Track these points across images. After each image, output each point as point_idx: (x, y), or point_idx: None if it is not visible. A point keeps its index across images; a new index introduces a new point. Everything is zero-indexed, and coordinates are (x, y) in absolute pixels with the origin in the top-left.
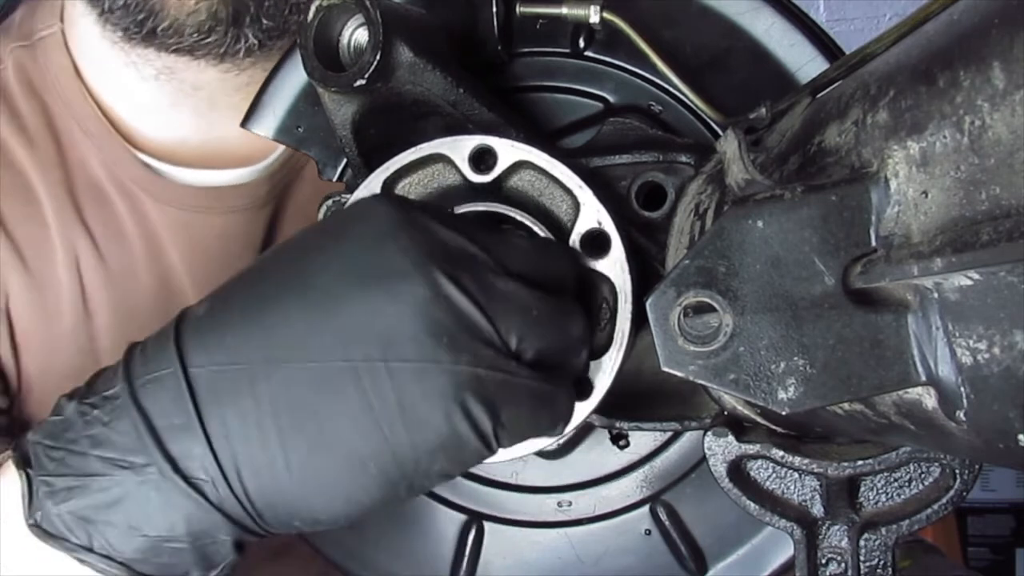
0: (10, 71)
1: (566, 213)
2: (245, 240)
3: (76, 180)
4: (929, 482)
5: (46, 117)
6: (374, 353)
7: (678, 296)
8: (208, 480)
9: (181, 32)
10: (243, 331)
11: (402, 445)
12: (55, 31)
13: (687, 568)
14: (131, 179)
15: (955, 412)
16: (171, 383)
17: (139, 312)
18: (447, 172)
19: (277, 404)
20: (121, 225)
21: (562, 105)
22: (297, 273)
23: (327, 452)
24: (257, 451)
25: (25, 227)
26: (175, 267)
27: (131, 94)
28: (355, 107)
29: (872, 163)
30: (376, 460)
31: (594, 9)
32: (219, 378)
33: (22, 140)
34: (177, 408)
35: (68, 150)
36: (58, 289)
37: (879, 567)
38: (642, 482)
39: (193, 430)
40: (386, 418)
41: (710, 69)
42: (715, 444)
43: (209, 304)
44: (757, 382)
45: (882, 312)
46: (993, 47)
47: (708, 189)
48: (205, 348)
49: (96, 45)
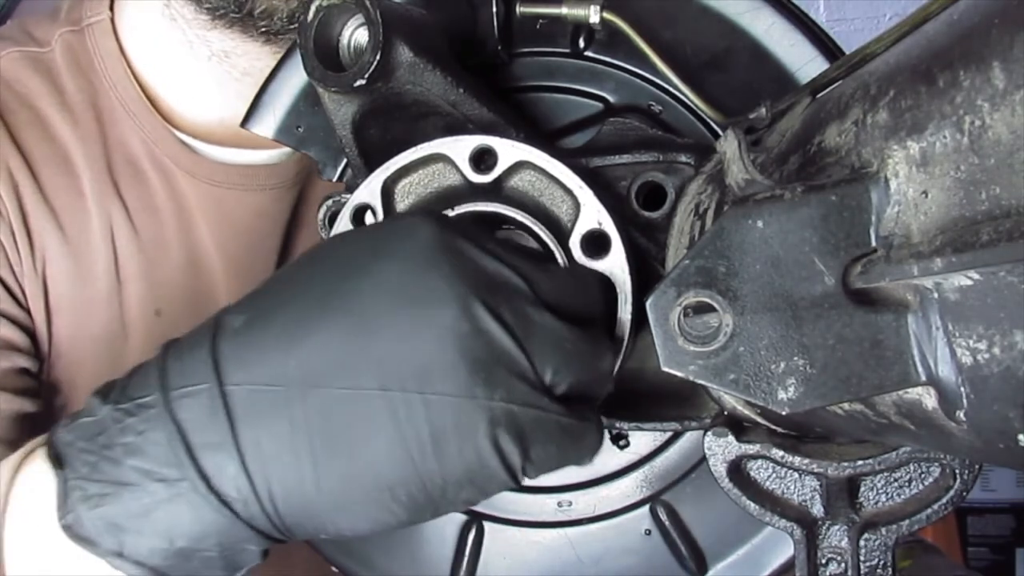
0: (58, 53)
1: (566, 213)
2: (274, 217)
3: (115, 155)
4: (929, 482)
5: (91, 96)
6: (411, 384)
7: (678, 296)
8: (240, 499)
9: (272, 16)
10: (282, 351)
11: (432, 475)
12: (104, 18)
13: (687, 568)
14: (168, 156)
15: (955, 412)
16: (207, 398)
17: (168, 282)
18: (447, 172)
19: (312, 427)
20: (155, 199)
21: (562, 105)
22: (338, 294)
23: (358, 477)
24: (290, 473)
25: (64, 196)
26: (205, 241)
27: (178, 76)
28: (355, 107)
29: (872, 163)
30: (405, 487)
31: (594, 9)
32: (256, 398)
33: (66, 117)
34: (212, 425)
35: (109, 127)
36: (93, 256)
37: (879, 567)
38: (642, 482)
39: (227, 449)
40: (418, 448)
41: (710, 69)
42: (715, 444)
43: (247, 317)
44: (757, 382)
45: (882, 312)
46: (993, 47)
47: (708, 189)
48: (243, 365)
49: (151, 28)
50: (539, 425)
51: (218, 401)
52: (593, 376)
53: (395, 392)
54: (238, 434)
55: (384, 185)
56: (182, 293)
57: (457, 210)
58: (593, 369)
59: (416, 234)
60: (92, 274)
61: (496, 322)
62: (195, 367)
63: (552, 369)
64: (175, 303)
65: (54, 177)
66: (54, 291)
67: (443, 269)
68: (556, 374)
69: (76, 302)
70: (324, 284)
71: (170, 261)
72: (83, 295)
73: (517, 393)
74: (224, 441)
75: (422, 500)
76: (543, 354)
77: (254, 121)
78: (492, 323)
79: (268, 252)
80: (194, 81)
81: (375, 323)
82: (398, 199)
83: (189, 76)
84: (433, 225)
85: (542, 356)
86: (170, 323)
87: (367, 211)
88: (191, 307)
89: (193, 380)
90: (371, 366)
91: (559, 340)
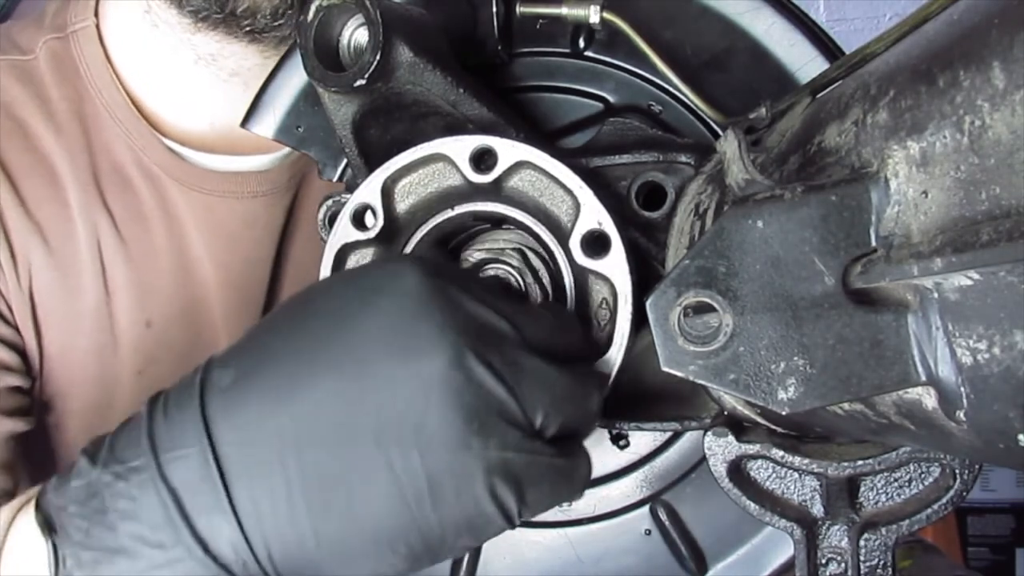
0: (42, 60)
1: (566, 213)
2: (266, 224)
3: (100, 164)
4: (929, 482)
5: (76, 103)
6: (406, 438)
7: (678, 296)
8: (238, 560)
9: (255, 15)
10: (273, 409)
11: (430, 525)
12: (88, 24)
13: (687, 568)
14: (156, 163)
15: (955, 412)
16: (198, 461)
17: (158, 292)
18: (447, 172)
19: (307, 483)
20: (143, 207)
21: (562, 105)
22: (327, 347)
23: (357, 531)
24: (287, 530)
25: (48, 207)
26: (196, 249)
27: (164, 81)
28: (355, 107)
29: (872, 163)
30: (404, 538)
31: (594, 9)
32: (248, 457)
33: (50, 126)
34: (206, 487)
35: (95, 135)
36: (80, 268)
37: (879, 567)
38: (642, 482)
39: (222, 510)
40: (415, 500)
41: (710, 69)
42: (715, 444)
43: (235, 373)
44: (757, 382)
45: (882, 312)
46: (993, 47)
47: (708, 189)
48: (233, 425)
49: (133, 35)
50: (533, 469)
51: (210, 463)
52: (582, 416)
53: (391, 446)
54: (233, 495)
55: (384, 185)
56: (173, 303)
57: (457, 210)
58: (581, 408)
59: (403, 282)
60: (79, 286)
61: (487, 371)
62: (184, 428)
63: (543, 412)
64: (166, 314)
65: (37, 188)
66: (41, 306)
67: (433, 318)
68: (546, 417)
69: (64, 316)
70: (313, 337)
71: (160, 271)
72: (71, 308)
73: (511, 440)
74: (218, 503)
75: (421, 550)
76: (533, 398)
77: (254, 121)
78: (483, 372)
79: (261, 260)
80: (181, 86)
81: (366, 376)
82: (398, 199)
83: (176, 81)
84: (419, 271)
85: (532, 400)
86: (161, 334)
87: (367, 211)
88: (183, 318)
89: (183, 443)
90: (365, 420)
91: (548, 383)
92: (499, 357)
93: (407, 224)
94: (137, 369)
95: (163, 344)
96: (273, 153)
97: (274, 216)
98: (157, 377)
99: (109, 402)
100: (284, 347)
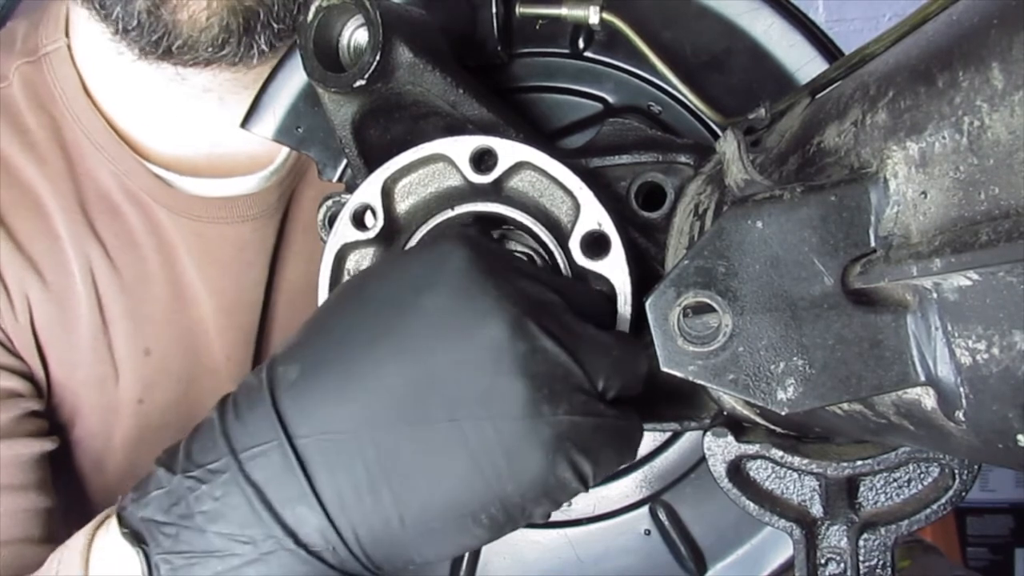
0: (16, 87)
1: (566, 214)
2: (257, 247)
3: (86, 192)
4: (928, 482)
5: (54, 131)
6: (478, 412)
7: (677, 296)
8: (328, 547)
9: (196, 48)
10: (344, 397)
11: (509, 495)
12: (60, 46)
13: (687, 568)
14: (143, 190)
15: (954, 412)
16: (278, 455)
17: (155, 320)
18: (447, 172)
19: (387, 467)
20: (133, 235)
21: (562, 105)
22: (387, 333)
23: (440, 507)
24: (373, 514)
25: (39, 241)
26: (190, 275)
27: (139, 103)
28: (355, 107)
29: (871, 163)
30: (485, 510)
31: (593, 10)
32: (327, 446)
33: (30, 156)
34: (288, 479)
35: (77, 163)
36: (75, 300)
37: (878, 567)
38: (642, 482)
39: (308, 501)
40: (493, 471)
41: (710, 69)
42: (715, 444)
43: (301, 367)
44: (756, 382)
45: (881, 312)
46: (992, 48)
47: (708, 189)
48: (307, 417)
49: (104, 56)
50: (601, 432)
51: (290, 456)
52: (636, 379)
53: (463, 420)
54: (316, 484)
55: (384, 185)
56: (170, 330)
57: (457, 210)
58: (635, 371)
59: (452, 262)
60: (76, 318)
61: (549, 338)
62: (258, 426)
63: (604, 376)
64: (164, 341)
65: (25, 222)
66: (43, 338)
67: (489, 293)
68: (607, 380)
69: (63, 348)
70: (372, 324)
71: (155, 298)
72: (69, 340)
73: (578, 404)
74: (303, 493)
75: (503, 519)
76: (594, 364)
77: (254, 122)
78: (546, 339)
79: (254, 283)
80: (156, 105)
81: (431, 356)
82: (398, 199)
83: (150, 101)
84: (466, 249)
85: (593, 366)
86: (160, 361)
87: (367, 211)
88: (181, 344)
89: (260, 439)
90: (435, 398)
91: (605, 348)
92: (556, 325)
93: (407, 224)
94: (138, 397)
95: (162, 371)
96: (258, 172)
97: (265, 237)
98: (157, 404)
99: (109, 431)
100: (346, 337)
